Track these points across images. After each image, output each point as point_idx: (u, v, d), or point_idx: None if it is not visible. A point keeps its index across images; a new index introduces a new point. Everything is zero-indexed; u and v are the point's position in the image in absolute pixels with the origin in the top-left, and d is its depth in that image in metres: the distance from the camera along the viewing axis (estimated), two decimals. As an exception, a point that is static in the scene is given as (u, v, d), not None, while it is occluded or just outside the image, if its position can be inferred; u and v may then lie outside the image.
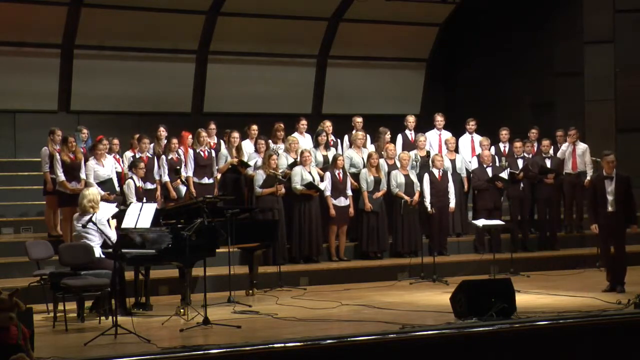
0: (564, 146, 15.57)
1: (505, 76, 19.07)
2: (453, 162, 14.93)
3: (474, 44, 19.69)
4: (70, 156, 13.15)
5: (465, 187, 15.11)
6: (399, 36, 19.09)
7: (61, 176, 13.02)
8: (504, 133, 15.67)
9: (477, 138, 15.57)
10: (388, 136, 14.96)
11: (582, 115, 17.86)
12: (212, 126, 14.37)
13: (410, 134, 15.38)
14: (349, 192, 13.99)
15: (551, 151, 15.47)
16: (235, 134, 14.03)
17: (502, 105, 18.99)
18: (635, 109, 17.58)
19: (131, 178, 12.89)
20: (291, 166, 13.65)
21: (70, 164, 13.12)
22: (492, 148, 15.42)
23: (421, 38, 19.47)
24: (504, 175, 14.75)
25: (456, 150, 15.22)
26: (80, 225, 10.31)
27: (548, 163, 15.19)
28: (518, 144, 15.11)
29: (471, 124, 15.69)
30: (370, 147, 14.81)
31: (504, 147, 15.62)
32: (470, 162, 15.30)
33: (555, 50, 18.49)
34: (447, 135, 15.46)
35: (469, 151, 15.53)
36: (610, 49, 17.88)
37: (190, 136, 14.08)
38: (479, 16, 19.29)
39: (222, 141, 14.42)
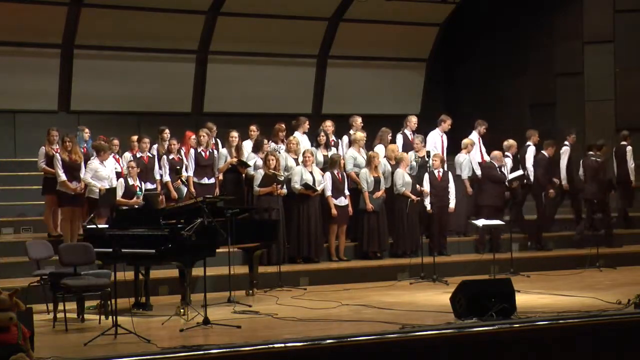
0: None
1: (505, 76, 19.07)
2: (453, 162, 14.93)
3: (474, 44, 19.68)
4: (68, 156, 13.09)
5: (467, 187, 15.07)
6: (399, 36, 19.07)
7: (62, 176, 12.98)
8: (512, 144, 15.47)
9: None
10: (389, 136, 14.99)
11: (582, 115, 17.87)
12: (211, 129, 14.40)
13: (410, 134, 15.36)
14: (347, 192, 13.98)
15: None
16: (234, 134, 14.01)
17: (502, 105, 18.99)
18: (635, 109, 17.59)
19: (125, 177, 12.94)
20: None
21: (69, 163, 13.09)
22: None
23: (421, 38, 19.45)
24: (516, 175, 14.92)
25: (455, 150, 15.20)
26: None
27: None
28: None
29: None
30: (379, 148, 14.77)
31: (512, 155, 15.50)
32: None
33: (555, 50, 18.49)
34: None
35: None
36: (610, 49, 17.89)
37: (194, 136, 14.10)
38: (479, 16, 19.28)
39: (218, 140, 14.42)
